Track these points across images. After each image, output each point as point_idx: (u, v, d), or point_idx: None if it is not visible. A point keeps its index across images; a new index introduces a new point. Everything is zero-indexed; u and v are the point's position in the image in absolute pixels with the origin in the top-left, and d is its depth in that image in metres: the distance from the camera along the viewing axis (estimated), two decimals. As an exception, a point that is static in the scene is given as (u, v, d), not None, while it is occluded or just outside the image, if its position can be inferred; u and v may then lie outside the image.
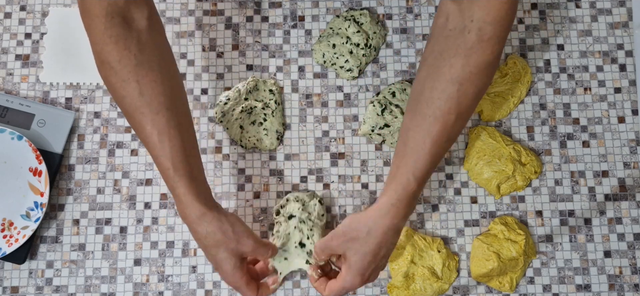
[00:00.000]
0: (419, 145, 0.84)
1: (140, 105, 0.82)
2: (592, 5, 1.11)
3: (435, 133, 0.83)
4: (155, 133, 0.83)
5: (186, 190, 0.85)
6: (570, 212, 1.04)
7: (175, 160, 0.84)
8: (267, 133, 1.04)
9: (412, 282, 0.99)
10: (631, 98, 1.08)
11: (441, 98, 0.82)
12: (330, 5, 1.10)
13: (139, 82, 0.82)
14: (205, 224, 0.86)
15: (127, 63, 0.81)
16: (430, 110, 0.83)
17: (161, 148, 0.83)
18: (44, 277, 1.01)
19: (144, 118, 0.83)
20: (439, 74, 0.82)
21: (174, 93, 0.85)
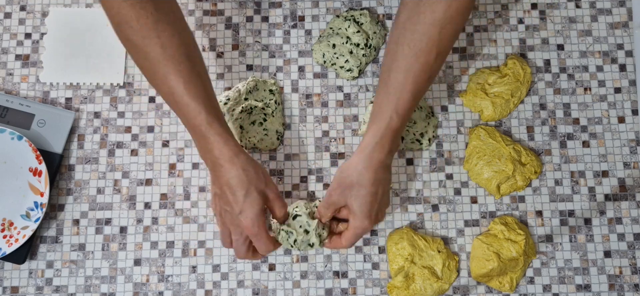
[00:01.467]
0: (401, 83, 0.88)
1: (163, 59, 0.85)
2: (592, 5, 1.11)
3: (417, 71, 0.88)
4: (182, 81, 0.85)
5: (221, 129, 0.88)
6: (570, 211, 1.04)
7: (206, 104, 0.87)
8: (267, 133, 1.04)
9: (412, 282, 0.99)
10: (631, 98, 1.08)
11: (422, 40, 0.87)
12: (330, 5, 1.10)
13: (159, 37, 0.84)
14: (239, 163, 0.88)
15: (146, 21, 0.84)
16: (411, 51, 0.87)
17: (189, 94, 0.86)
18: (44, 277, 1.01)
19: (168, 69, 0.85)
20: (420, 17, 0.86)
21: (191, 44, 0.89)
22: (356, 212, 0.91)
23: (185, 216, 1.03)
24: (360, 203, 0.90)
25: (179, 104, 0.87)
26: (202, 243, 1.02)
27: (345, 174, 0.91)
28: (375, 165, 0.90)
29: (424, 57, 0.87)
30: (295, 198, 1.04)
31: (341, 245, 0.95)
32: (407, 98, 0.89)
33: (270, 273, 1.01)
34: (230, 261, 1.01)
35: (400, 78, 0.88)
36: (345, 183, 0.91)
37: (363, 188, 0.90)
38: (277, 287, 1.01)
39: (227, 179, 0.88)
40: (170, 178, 1.04)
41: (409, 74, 0.88)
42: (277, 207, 0.92)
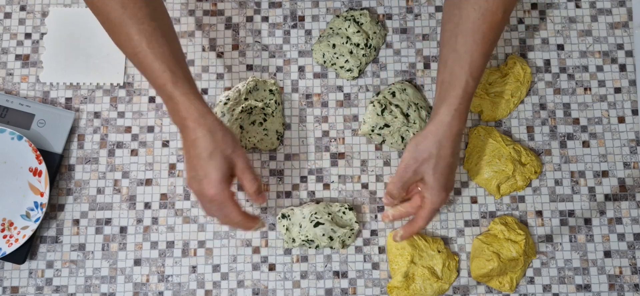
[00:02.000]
0: (471, 46, 0.86)
1: (124, 18, 0.83)
2: (592, 5, 1.11)
3: (485, 31, 0.86)
4: (144, 40, 0.83)
5: (187, 89, 0.84)
6: (570, 211, 1.04)
7: (170, 63, 0.84)
8: (267, 133, 1.04)
9: (412, 282, 0.99)
10: (631, 98, 1.08)
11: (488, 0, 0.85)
12: (330, 5, 1.10)
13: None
14: (205, 123, 0.84)
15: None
16: (477, 12, 0.85)
17: (153, 54, 0.83)
18: (44, 277, 1.01)
19: (130, 29, 0.83)
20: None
21: (156, 5, 0.86)
22: (433, 186, 0.87)
23: (185, 216, 1.03)
24: (439, 176, 0.86)
25: (143, 64, 0.85)
26: (202, 243, 1.02)
27: (422, 147, 0.87)
28: (454, 134, 0.87)
29: (490, 17, 0.85)
30: (295, 198, 1.04)
31: (418, 227, 0.90)
32: (480, 61, 0.86)
33: (270, 273, 1.01)
34: (230, 261, 1.01)
35: (470, 42, 0.86)
36: (422, 156, 0.86)
37: (442, 159, 0.86)
38: (277, 287, 1.01)
39: (193, 139, 0.84)
40: (170, 178, 1.04)
41: (477, 35, 0.85)
42: (246, 179, 0.87)
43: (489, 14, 0.85)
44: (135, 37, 0.83)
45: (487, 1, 0.85)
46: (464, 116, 0.87)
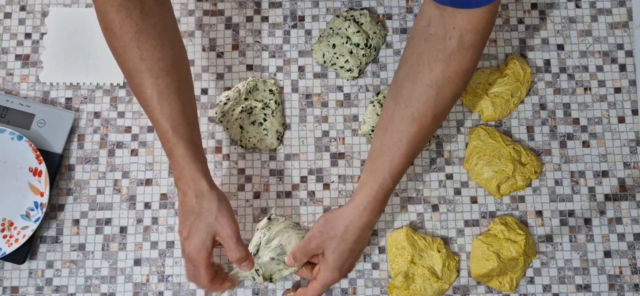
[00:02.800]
0: (396, 144, 0.87)
1: (141, 69, 0.84)
2: (592, 5, 1.11)
3: (412, 133, 0.86)
4: (155, 95, 0.85)
5: (185, 151, 0.86)
6: (570, 212, 1.04)
7: (175, 122, 0.86)
8: (267, 133, 1.04)
9: (412, 282, 0.99)
10: (631, 98, 1.08)
11: (420, 100, 0.85)
12: (330, 5, 1.10)
13: (139, 47, 0.83)
14: (195, 188, 0.87)
15: (128, 30, 0.83)
16: (408, 111, 0.86)
17: (160, 110, 0.85)
18: (44, 277, 1.01)
19: (144, 81, 0.85)
20: (418, 77, 0.84)
21: (176, 59, 0.87)
22: (330, 264, 0.91)
23: (185, 216, 1.03)
24: (337, 256, 0.90)
25: (151, 117, 0.87)
26: (202, 243, 1.02)
27: (330, 225, 0.91)
28: (363, 225, 0.90)
29: (420, 120, 0.86)
30: (295, 198, 1.04)
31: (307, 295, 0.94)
32: (401, 161, 0.88)
33: (270, 273, 1.01)
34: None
35: (395, 139, 0.87)
36: (328, 233, 0.90)
37: (344, 243, 0.90)
38: (277, 287, 1.01)
39: (182, 200, 0.88)
40: (170, 178, 1.04)
41: (403, 135, 0.87)
42: (228, 249, 0.88)
43: (418, 116, 0.85)
44: (147, 90, 0.85)
45: (418, 102, 0.85)
46: (378, 209, 0.90)
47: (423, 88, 0.84)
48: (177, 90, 0.86)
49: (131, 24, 0.83)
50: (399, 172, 0.89)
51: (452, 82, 0.84)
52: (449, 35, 0.81)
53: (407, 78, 0.86)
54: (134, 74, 0.85)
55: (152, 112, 0.86)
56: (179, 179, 0.88)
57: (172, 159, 0.87)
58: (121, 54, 0.85)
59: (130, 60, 0.84)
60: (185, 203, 0.88)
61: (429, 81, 0.84)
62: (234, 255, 0.89)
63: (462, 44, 0.81)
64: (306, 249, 0.92)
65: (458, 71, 0.83)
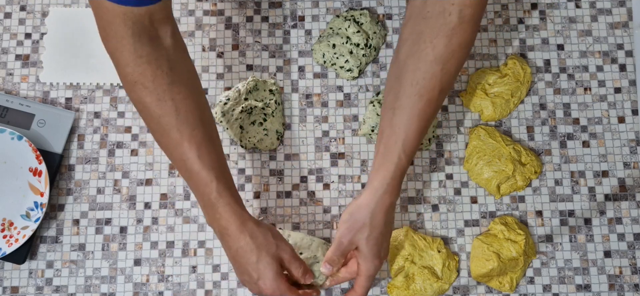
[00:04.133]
0: (406, 123, 0.87)
1: (177, 123, 0.83)
2: (592, 5, 1.11)
3: (421, 109, 0.87)
4: (194, 148, 0.84)
5: (231, 199, 0.86)
6: (570, 211, 1.04)
7: (218, 173, 0.85)
8: (267, 133, 1.04)
9: (412, 282, 0.99)
10: (631, 98, 1.08)
11: (426, 77, 0.86)
12: (330, 5, 1.10)
13: (174, 99, 0.82)
14: (247, 231, 0.87)
15: (161, 82, 0.81)
16: (414, 89, 0.86)
17: (202, 163, 0.84)
18: (44, 277, 1.01)
19: (181, 136, 0.83)
20: (421, 55, 0.85)
21: (204, 107, 0.87)
22: (367, 255, 0.89)
23: (185, 216, 1.03)
24: (372, 245, 0.89)
25: (190, 172, 0.85)
26: (202, 243, 1.02)
27: (356, 217, 0.89)
28: (387, 206, 0.89)
29: (427, 95, 0.86)
30: (295, 198, 1.04)
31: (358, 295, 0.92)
32: (414, 137, 0.88)
33: (270, 273, 1.01)
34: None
35: (405, 118, 0.87)
36: (356, 226, 0.89)
37: (375, 229, 0.89)
38: None
39: (237, 249, 0.87)
40: (170, 178, 1.04)
41: (413, 112, 0.87)
42: (293, 268, 0.90)
43: (425, 92, 0.86)
44: (186, 145, 0.83)
45: (424, 79, 0.85)
46: (397, 189, 0.90)
47: (428, 65, 0.85)
48: (211, 138, 0.85)
49: (163, 75, 0.81)
50: (412, 150, 0.89)
51: (456, 55, 0.85)
52: (448, 12, 0.83)
53: (410, 57, 0.86)
54: (170, 129, 0.83)
55: (192, 166, 0.84)
56: (227, 228, 0.86)
57: (214, 209, 0.86)
58: (156, 109, 0.83)
59: (166, 114, 0.82)
60: (241, 250, 0.87)
61: (433, 57, 0.85)
62: (298, 272, 0.90)
63: (462, 19, 0.83)
64: (340, 250, 0.90)
65: (461, 44, 0.85)
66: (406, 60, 0.87)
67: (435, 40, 0.84)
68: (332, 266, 0.91)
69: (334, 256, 0.91)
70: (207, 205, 0.87)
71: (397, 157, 0.88)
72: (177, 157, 0.85)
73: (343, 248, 0.90)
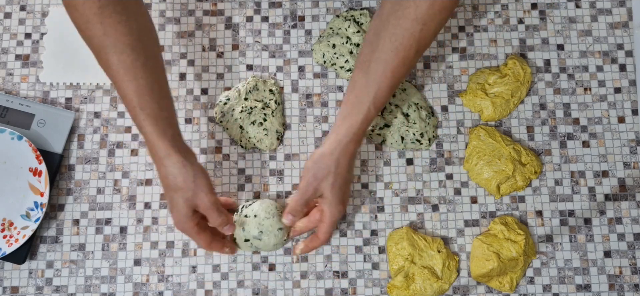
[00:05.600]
0: (380, 76, 0.90)
1: (105, 45, 0.84)
2: (592, 5, 1.11)
3: (395, 66, 0.89)
4: (121, 71, 0.85)
5: (152, 128, 0.87)
6: (570, 211, 1.04)
7: (142, 99, 0.86)
8: (267, 133, 1.04)
9: (412, 282, 0.99)
10: (631, 98, 1.08)
11: (404, 35, 0.88)
12: (330, 5, 1.10)
13: (102, 23, 0.83)
14: (168, 164, 0.88)
15: (91, 5, 0.83)
16: (392, 45, 0.88)
17: (127, 86, 0.85)
18: (44, 277, 1.01)
19: (109, 57, 0.85)
20: (404, 12, 0.87)
21: (141, 34, 0.87)
22: (332, 201, 0.92)
23: (185, 216, 1.03)
24: (336, 191, 0.92)
25: (119, 93, 0.87)
26: (202, 243, 1.02)
27: (321, 165, 0.92)
28: (351, 154, 0.92)
29: (403, 52, 0.88)
30: (295, 198, 1.04)
31: (320, 242, 0.96)
32: (385, 92, 0.91)
33: (270, 273, 1.01)
34: (230, 261, 1.01)
35: (379, 71, 0.89)
36: (321, 174, 0.92)
37: (340, 176, 0.92)
38: (277, 287, 1.01)
39: (160, 176, 0.90)
40: (170, 178, 1.04)
41: (387, 67, 0.89)
42: (212, 219, 0.92)
43: (402, 49, 0.88)
44: (113, 66, 0.85)
45: (403, 36, 0.88)
46: (361, 138, 0.93)
47: (409, 23, 0.87)
48: (144, 65, 0.86)
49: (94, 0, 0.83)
50: (381, 103, 0.92)
51: (436, 17, 0.87)
52: None
53: (392, 15, 0.88)
54: (99, 50, 0.85)
55: (119, 88, 0.86)
56: (152, 156, 0.89)
57: (142, 134, 0.88)
58: (85, 31, 0.85)
59: (94, 36, 0.84)
60: (161, 179, 0.90)
61: (414, 16, 0.87)
62: (214, 222, 0.92)
63: None
64: (305, 198, 0.93)
65: (443, 8, 0.87)
66: (388, 17, 0.88)
67: (419, 1, 0.86)
68: (294, 216, 0.94)
69: (297, 205, 0.94)
70: (138, 129, 0.89)
71: (367, 108, 0.90)
72: (110, 77, 0.87)
73: (308, 196, 0.93)
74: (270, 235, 0.96)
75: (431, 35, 0.89)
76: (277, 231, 0.96)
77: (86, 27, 0.85)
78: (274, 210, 0.97)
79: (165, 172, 0.89)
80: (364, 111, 0.91)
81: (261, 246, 0.97)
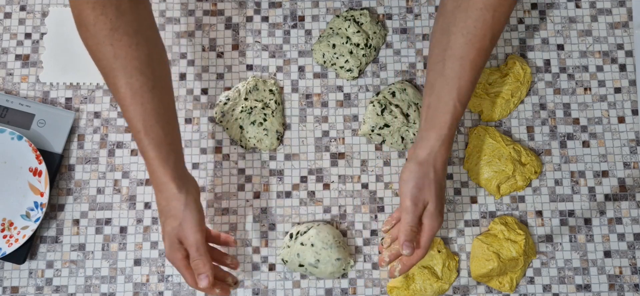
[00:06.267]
0: (459, 71, 0.86)
1: (114, 68, 0.84)
2: (592, 5, 1.11)
3: (473, 57, 0.86)
4: (129, 95, 0.84)
5: (155, 154, 0.86)
6: (570, 212, 1.04)
7: (146, 124, 0.85)
8: (267, 133, 1.04)
9: (412, 282, 0.99)
10: (631, 98, 1.08)
11: (477, 26, 0.85)
12: (330, 5, 1.10)
13: (113, 45, 0.83)
14: (164, 190, 0.87)
15: (102, 27, 0.82)
16: (466, 38, 0.85)
17: (133, 111, 0.85)
18: (44, 277, 1.01)
19: (117, 80, 0.84)
20: (470, 3, 0.85)
21: (151, 58, 0.86)
22: (434, 212, 0.86)
23: (185, 216, 1.03)
24: (437, 201, 0.86)
25: (124, 116, 0.86)
26: (202, 243, 1.02)
27: (419, 174, 0.86)
28: (445, 158, 0.88)
29: (479, 43, 0.86)
30: (295, 198, 1.04)
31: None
32: (467, 87, 0.87)
33: (270, 273, 1.01)
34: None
35: (457, 67, 0.86)
36: (424, 183, 0.86)
37: (438, 184, 0.87)
38: (277, 287, 1.01)
39: (156, 201, 0.89)
40: (170, 178, 1.04)
41: (465, 61, 0.86)
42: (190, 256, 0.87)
43: (476, 40, 0.85)
44: (121, 89, 0.84)
45: (475, 27, 0.85)
46: (452, 141, 0.88)
47: (478, 13, 0.85)
48: (152, 89, 0.85)
49: (105, 21, 0.82)
50: (466, 99, 0.87)
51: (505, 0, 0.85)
52: None
53: (457, 9, 0.86)
54: (108, 72, 0.85)
55: (125, 111, 0.86)
56: (151, 181, 0.88)
57: (144, 158, 0.87)
58: (95, 52, 0.84)
59: (104, 59, 0.84)
60: (157, 204, 0.89)
61: (482, 5, 0.84)
62: (191, 262, 0.87)
63: None
64: (416, 216, 0.86)
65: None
66: (454, 11, 0.86)
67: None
68: (412, 242, 0.85)
69: (414, 229, 0.85)
70: (141, 153, 0.88)
71: (453, 106, 0.86)
72: (118, 100, 0.86)
73: (419, 212, 0.86)
74: (327, 264, 0.95)
75: (504, 19, 0.86)
76: (335, 261, 0.95)
77: (97, 48, 0.84)
78: (332, 239, 0.96)
79: (159, 198, 0.88)
80: (451, 110, 0.86)
81: (317, 273, 0.96)
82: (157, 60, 0.87)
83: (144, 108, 0.85)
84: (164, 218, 0.88)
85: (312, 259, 0.96)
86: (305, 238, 0.97)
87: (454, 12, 0.86)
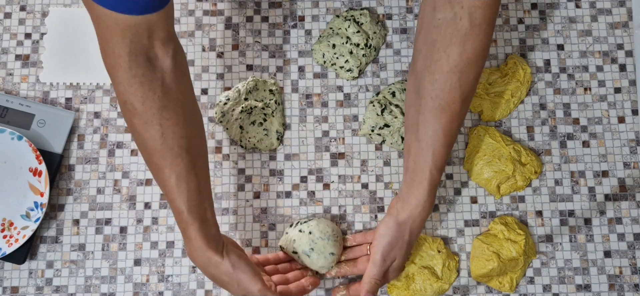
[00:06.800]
0: (432, 138, 0.86)
1: (161, 149, 0.82)
2: (592, 5, 1.11)
3: (445, 123, 0.85)
4: (174, 177, 0.83)
5: (197, 233, 0.85)
6: (570, 212, 1.04)
7: (190, 204, 0.84)
8: (267, 133, 1.04)
9: (412, 282, 0.99)
10: (631, 98, 1.08)
11: (444, 89, 0.83)
12: (330, 5, 1.10)
13: (161, 125, 0.81)
14: (211, 268, 0.88)
15: (151, 105, 0.80)
16: (435, 102, 0.84)
17: (178, 192, 0.83)
18: (44, 277, 1.01)
19: (163, 162, 0.82)
20: (436, 66, 0.83)
21: (195, 135, 0.85)
22: (397, 267, 0.93)
23: (185, 216, 1.03)
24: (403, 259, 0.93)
25: (167, 196, 0.85)
26: (202, 243, 1.02)
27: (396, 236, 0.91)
28: (422, 222, 0.92)
29: (449, 108, 0.84)
30: (295, 198, 1.04)
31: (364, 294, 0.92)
32: (442, 153, 0.87)
33: (270, 273, 1.01)
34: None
35: (431, 133, 0.86)
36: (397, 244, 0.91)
37: (410, 245, 0.92)
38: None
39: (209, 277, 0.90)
40: (170, 178, 1.04)
41: (437, 127, 0.86)
42: None
43: (446, 105, 0.84)
44: (166, 170, 0.83)
45: (442, 91, 0.84)
46: (432, 203, 0.91)
47: (445, 77, 0.83)
48: (194, 168, 0.84)
49: (154, 98, 0.79)
50: (442, 164, 0.88)
51: (472, 63, 0.83)
52: (458, 16, 0.80)
53: (425, 70, 0.84)
54: (153, 154, 0.82)
55: (169, 192, 0.84)
56: (193, 259, 0.88)
57: (185, 236, 0.87)
58: (142, 132, 0.81)
59: (151, 139, 0.81)
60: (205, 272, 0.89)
61: (448, 68, 0.82)
62: None
63: (473, 22, 0.80)
64: (383, 270, 0.92)
65: (476, 50, 0.82)
66: (423, 73, 0.85)
67: (449, 49, 0.82)
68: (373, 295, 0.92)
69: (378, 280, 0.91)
70: (180, 229, 0.88)
71: (429, 172, 0.88)
72: (159, 180, 0.85)
73: (385, 267, 0.92)
74: (320, 255, 0.95)
75: (472, 81, 0.84)
76: (328, 254, 0.95)
77: (144, 129, 0.81)
78: (330, 232, 0.96)
79: (210, 275, 0.88)
80: (428, 176, 0.88)
81: (308, 263, 0.96)
82: (199, 136, 0.86)
83: (188, 188, 0.84)
84: (221, 285, 0.89)
85: (306, 247, 0.95)
86: (304, 226, 0.97)
87: (423, 73, 0.85)
